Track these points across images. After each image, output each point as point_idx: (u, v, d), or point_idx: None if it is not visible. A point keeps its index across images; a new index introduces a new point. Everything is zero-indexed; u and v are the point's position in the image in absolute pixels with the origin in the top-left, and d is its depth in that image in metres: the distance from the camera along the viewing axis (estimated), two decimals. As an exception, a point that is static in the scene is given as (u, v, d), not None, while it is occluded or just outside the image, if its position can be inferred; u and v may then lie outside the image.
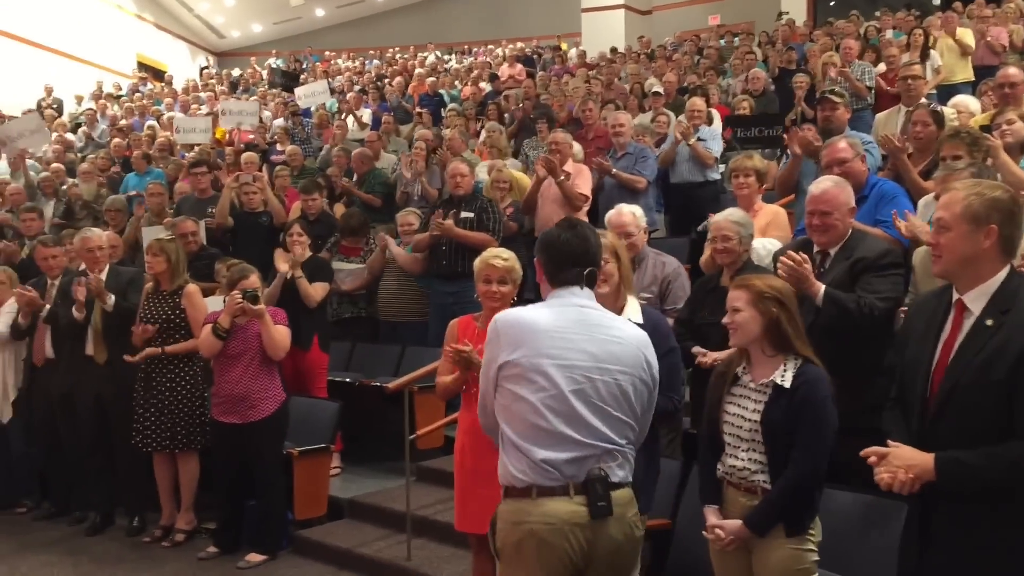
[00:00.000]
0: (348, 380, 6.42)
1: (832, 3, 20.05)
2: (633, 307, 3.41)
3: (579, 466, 2.54)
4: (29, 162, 10.62)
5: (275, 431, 5.26)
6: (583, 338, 2.60)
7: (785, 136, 6.00)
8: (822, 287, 3.50)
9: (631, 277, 3.46)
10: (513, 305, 3.82)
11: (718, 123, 8.83)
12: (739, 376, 3.03)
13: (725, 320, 3.03)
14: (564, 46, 19.71)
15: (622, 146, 7.36)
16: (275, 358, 5.26)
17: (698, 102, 8.37)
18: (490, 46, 21.14)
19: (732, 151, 7.74)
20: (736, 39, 15.40)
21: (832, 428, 2.87)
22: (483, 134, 10.12)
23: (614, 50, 16.84)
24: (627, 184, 7.03)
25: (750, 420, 2.92)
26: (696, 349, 4.04)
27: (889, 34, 12.02)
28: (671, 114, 9.10)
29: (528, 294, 4.24)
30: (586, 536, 2.53)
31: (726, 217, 4.22)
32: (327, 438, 5.63)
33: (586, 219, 6.91)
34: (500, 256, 3.90)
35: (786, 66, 11.14)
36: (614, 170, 7.09)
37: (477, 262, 3.93)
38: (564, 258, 2.71)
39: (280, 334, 5.23)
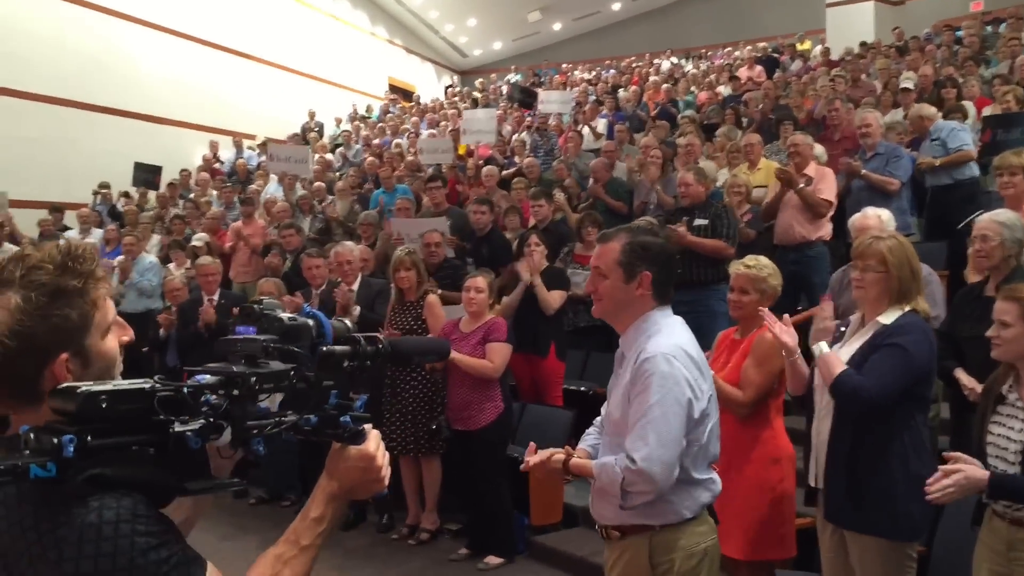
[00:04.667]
0: (583, 389, 6.45)
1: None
2: (890, 314, 3.11)
3: None
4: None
5: (494, 440, 5.37)
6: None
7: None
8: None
9: (898, 288, 3.11)
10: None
11: (973, 117, 8.08)
12: (1005, 395, 2.75)
13: (990, 333, 2.77)
14: (807, 44, 18.86)
15: (871, 147, 6.91)
16: (486, 377, 5.34)
17: (926, 108, 7.70)
18: (728, 48, 20.63)
19: (992, 152, 6.99)
20: (1003, 25, 14.07)
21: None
22: (717, 140, 9.89)
23: (864, 44, 15.90)
24: (878, 186, 6.59)
25: (1017, 441, 2.65)
26: (964, 380, 3.71)
27: None
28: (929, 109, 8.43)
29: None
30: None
31: (991, 217, 3.86)
32: (561, 446, 5.66)
33: (831, 224, 6.59)
34: (744, 263, 3.76)
35: (1064, 51, 10.04)
36: (864, 171, 6.68)
37: None
38: (672, 275, 2.67)
39: (482, 364, 5.29)
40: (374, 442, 1.49)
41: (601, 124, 12.97)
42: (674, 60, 20.69)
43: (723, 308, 4.47)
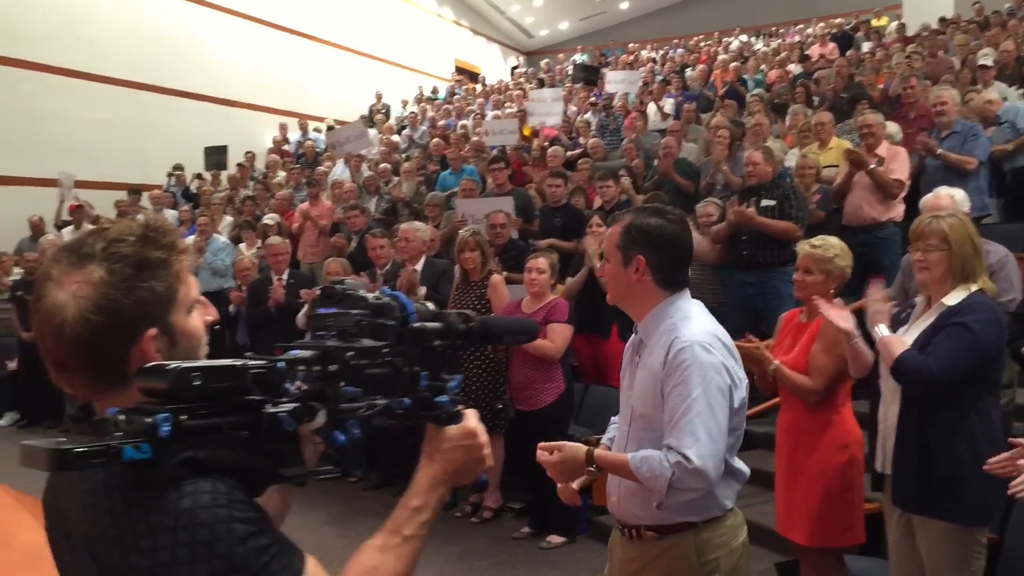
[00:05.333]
0: (645, 370, 6.40)
1: None
2: (956, 295, 3.05)
3: None
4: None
5: (556, 420, 5.39)
6: None
7: None
8: None
9: (961, 266, 3.04)
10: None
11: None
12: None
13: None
14: (884, 20, 18.32)
15: (947, 125, 6.72)
16: (547, 358, 5.37)
17: (990, 93, 7.45)
18: (800, 26, 20.17)
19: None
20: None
21: None
22: (787, 119, 9.69)
23: (943, 20, 15.39)
24: (955, 165, 6.41)
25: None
26: None
27: None
28: (1001, 87, 8.16)
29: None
30: None
31: (1071, 197, 3.72)
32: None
33: (903, 205, 6.42)
34: (811, 243, 3.69)
35: None
36: (940, 150, 6.49)
37: None
38: (684, 258, 2.47)
39: (543, 344, 5.30)
40: (474, 419, 1.38)
41: (668, 104, 12.83)
42: (743, 38, 20.32)
43: (789, 290, 4.39)
